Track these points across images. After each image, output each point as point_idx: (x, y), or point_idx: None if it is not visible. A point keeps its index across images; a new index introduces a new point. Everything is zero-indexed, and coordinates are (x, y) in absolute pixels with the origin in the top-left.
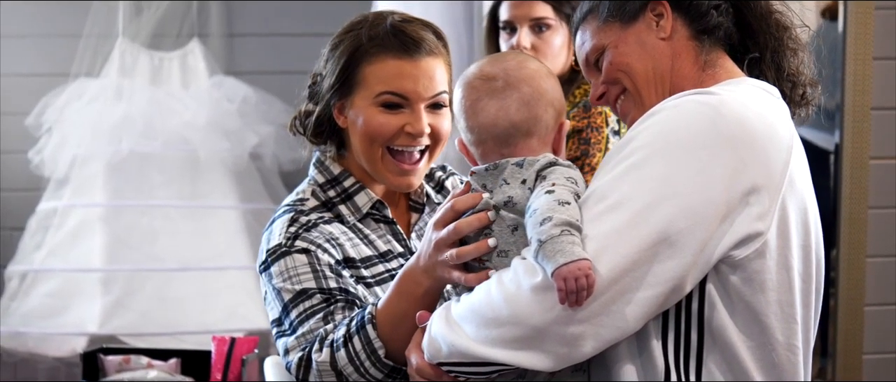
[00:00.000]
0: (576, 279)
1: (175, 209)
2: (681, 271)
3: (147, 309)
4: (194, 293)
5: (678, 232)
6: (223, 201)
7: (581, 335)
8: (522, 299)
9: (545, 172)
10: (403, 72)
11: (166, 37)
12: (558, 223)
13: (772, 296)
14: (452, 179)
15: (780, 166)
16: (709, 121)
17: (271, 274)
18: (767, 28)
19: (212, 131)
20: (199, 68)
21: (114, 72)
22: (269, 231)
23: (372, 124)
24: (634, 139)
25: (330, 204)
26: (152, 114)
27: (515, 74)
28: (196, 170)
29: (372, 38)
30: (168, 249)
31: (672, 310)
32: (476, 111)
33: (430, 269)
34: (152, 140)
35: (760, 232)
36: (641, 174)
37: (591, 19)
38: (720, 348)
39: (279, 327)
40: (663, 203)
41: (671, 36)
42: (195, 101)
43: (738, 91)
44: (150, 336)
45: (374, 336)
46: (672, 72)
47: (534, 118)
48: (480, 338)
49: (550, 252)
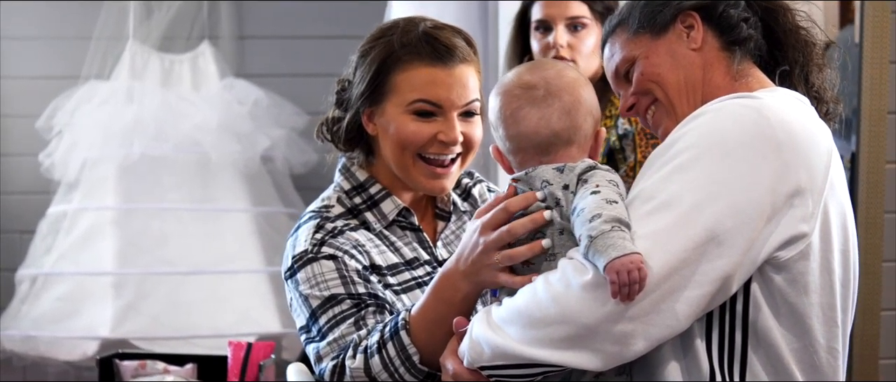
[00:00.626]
0: (628, 272)
1: (186, 212)
2: (728, 270)
3: (158, 312)
4: (206, 296)
5: (726, 232)
6: (234, 204)
7: (631, 333)
8: (572, 297)
9: (586, 176)
10: (437, 79)
11: (177, 39)
12: (608, 219)
13: (814, 298)
14: (480, 186)
15: (822, 170)
16: (753, 124)
17: (298, 280)
18: (796, 43)
19: (223, 134)
20: (210, 71)
21: (124, 74)
22: (295, 237)
23: (404, 132)
24: (679, 141)
25: (356, 211)
26: (163, 117)
27: (556, 83)
28: (207, 173)
29: (404, 45)
30: (179, 252)
31: (716, 311)
32: (517, 120)
33: (473, 274)
34: (163, 143)
35: (805, 234)
36: (689, 174)
37: (621, 32)
38: (765, 349)
39: (307, 333)
40: (711, 202)
41: (702, 47)
42: (206, 104)
43: (778, 98)
44: (162, 340)
45: (408, 341)
46: (704, 83)
47: (574, 127)
48: (527, 339)
49: (602, 246)
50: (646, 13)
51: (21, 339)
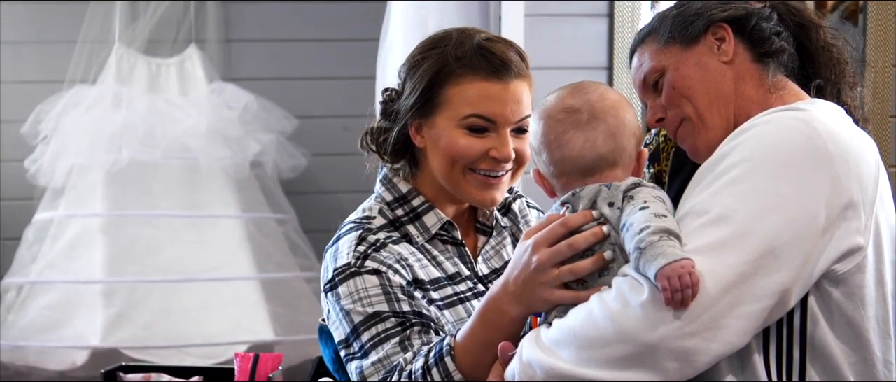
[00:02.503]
0: (679, 277)
1: (176, 219)
2: (786, 284)
3: (150, 321)
4: (197, 304)
5: (783, 245)
6: (225, 211)
7: (692, 349)
8: (630, 316)
9: (632, 193)
10: (491, 94)
11: (163, 43)
12: (656, 230)
13: (871, 312)
14: (519, 202)
15: (873, 181)
16: (804, 136)
17: (339, 294)
18: (828, 61)
19: (213, 139)
20: (198, 75)
21: (111, 78)
22: (335, 248)
23: (456, 147)
24: (728, 155)
25: (398, 224)
26: (152, 122)
27: (600, 106)
28: (197, 179)
29: (459, 58)
30: (170, 260)
31: (773, 325)
32: (561, 144)
33: (524, 294)
34: (152, 148)
35: (861, 246)
36: (743, 187)
37: (651, 41)
38: (822, 363)
39: (348, 349)
40: (767, 215)
41: (733, 59)
42: (195, 108)
43: (823, 109)
44: (154, 349)
45: (453, 368)
46: (736, 95)
47: (619, 149)
48: (583, 360)
49: (651, 256)
50: (677, 24)
51: (9, 349)
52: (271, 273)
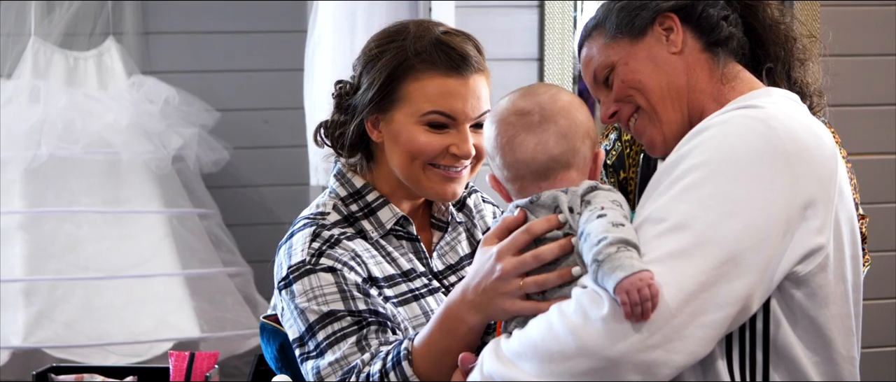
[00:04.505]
0: (638, 290)
1: (98, 215)
2: (748, 290)
3: (72, 320)
4: (121, 302)
5: (744, 251)
6: (147, 206)
7: (655, 362)
8: (591, 330)
9: (588, 197)
10: (451, 90)
11: (80, 36)
12: (613, 241)
13: (834, 310)
14: (475, 197)
15: (831, 176)
16: (761, 137)
17: (294, 292)
18: (776, 38)
19: (134, 134)
20: (116, 68)
21: (27, 72)
22: (288, 245)
23: (416, 143)
24: (685, 159)
25: (352, 219)
26: (71, 117)
27: (550, 107)
28: (118, 175)
29: (418, 53)
30: (92, 257)
31: (736, 329)
32: (513, 147)
33: (484, 304)
34: (72, 144)
35: (822, 246)
36: (701, 193)
37: (597, 36)
38: (786, 365)
39: (303, 348)
40: (727, 221)
41: (682, 50)
42: (115, 103)
43: (778, 103)
44: (77, 348)
45: (410, 373)
46: (688, 87)
47: (572, 150)
48: (546, 374)
49: (609, 269)
50: (623, 16)
51: None
52: (195, 269)
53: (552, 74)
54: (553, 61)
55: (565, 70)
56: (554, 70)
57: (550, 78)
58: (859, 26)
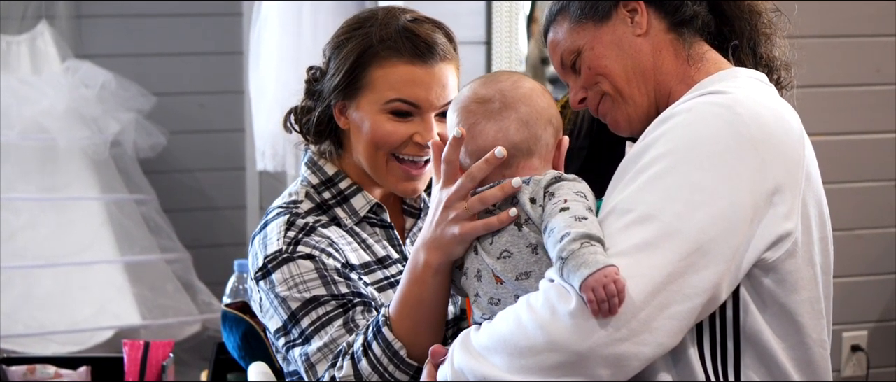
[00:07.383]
0: (604, 286)
1: (35, 202)
2: (716, 280)
3: (11, 309)
4: (60, 290)
5: (711, 241)
6: (85, 192)
7: (624, 354)
8: (560, 325)
9: (552, 188)
10: (416, 78)
11: (11, 19)
12: (576, 237)
13: (804, 295)
14: None
15: (798, 160)
16: (727, 125)
17: (273, 281)
18: (740, 13)
19: (71, 119)
20: (50, 52)
21: None
22: (263, 235)
23: (379, 131)
24: (650, 148)
25: (326, 207)
26: (6, 103)
27: (511, 94)
28: (55, 161)
29: (383, 40)
30: (30, 245)
31: (706, 318)
32: (474, 135)
33: (437, 238)
34: (7, 130)
35: (790, 232)
36: (666, 183)
37: (562, 20)
38: (757, 352)
39: (287, 337)
40: (693, 211)
41: (648, 32)
42: (51, 88)
43: (744, 87)
44: (16, 337)
45: (391, 337)
46: (654, 70)
47: (534, 137)
48: (515, 368)
49: (574, 266)
50: (586, 0)
51: None
52: (134, 256)
53: (500, 58)
54: (501, 45)
55: (513, 53)
56: (502, 54)
57: (498, 62)
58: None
